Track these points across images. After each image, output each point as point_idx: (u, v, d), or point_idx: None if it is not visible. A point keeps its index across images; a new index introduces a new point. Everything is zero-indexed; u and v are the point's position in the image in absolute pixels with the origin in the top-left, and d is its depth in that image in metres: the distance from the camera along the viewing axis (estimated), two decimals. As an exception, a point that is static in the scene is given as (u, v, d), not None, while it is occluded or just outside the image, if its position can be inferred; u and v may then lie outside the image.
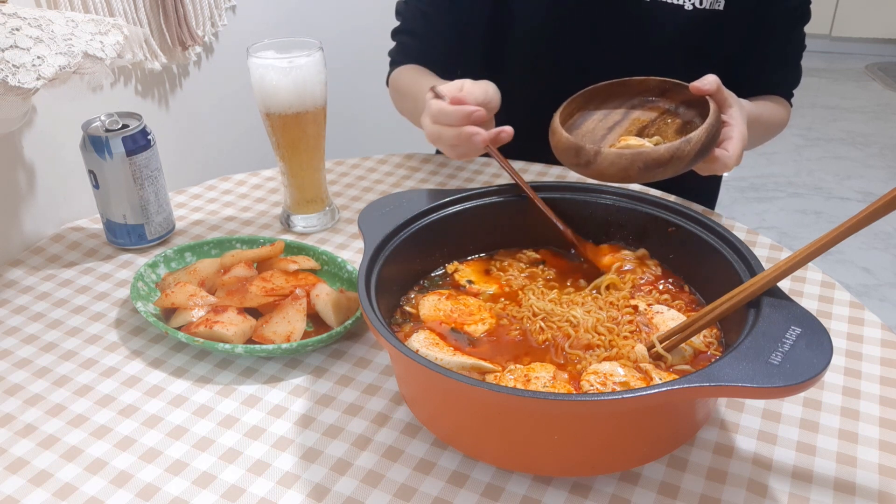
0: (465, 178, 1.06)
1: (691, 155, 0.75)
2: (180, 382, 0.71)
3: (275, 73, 0.85)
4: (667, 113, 0.85)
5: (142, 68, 1.19)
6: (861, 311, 0.79)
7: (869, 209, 0.55)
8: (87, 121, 0.87)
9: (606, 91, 0.88)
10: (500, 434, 0.57)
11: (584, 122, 0.85)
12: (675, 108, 0.85)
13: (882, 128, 3.20)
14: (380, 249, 0.69)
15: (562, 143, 0.79)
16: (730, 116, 0.82)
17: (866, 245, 2.39)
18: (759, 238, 0.91)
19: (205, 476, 0.62)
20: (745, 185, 2.78)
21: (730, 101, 0.83)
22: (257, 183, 1.08)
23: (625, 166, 0.75)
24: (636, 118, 0.85)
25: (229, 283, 0.80)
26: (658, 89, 0.87)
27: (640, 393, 0.51)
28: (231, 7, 1.39)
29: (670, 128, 0.83)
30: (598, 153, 0.76)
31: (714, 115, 0.77)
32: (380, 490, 0.60)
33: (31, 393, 0.70)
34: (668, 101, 0.86)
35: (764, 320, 0.56)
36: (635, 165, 0.75)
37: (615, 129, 0.84)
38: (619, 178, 0.76)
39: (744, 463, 0.62)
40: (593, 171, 0.77)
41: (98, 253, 0.92)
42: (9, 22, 0.76)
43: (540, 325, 0.68)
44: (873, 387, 0.69)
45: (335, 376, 0.72)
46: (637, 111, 0.86)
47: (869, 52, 3.90)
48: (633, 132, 0.83)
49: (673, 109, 0.85)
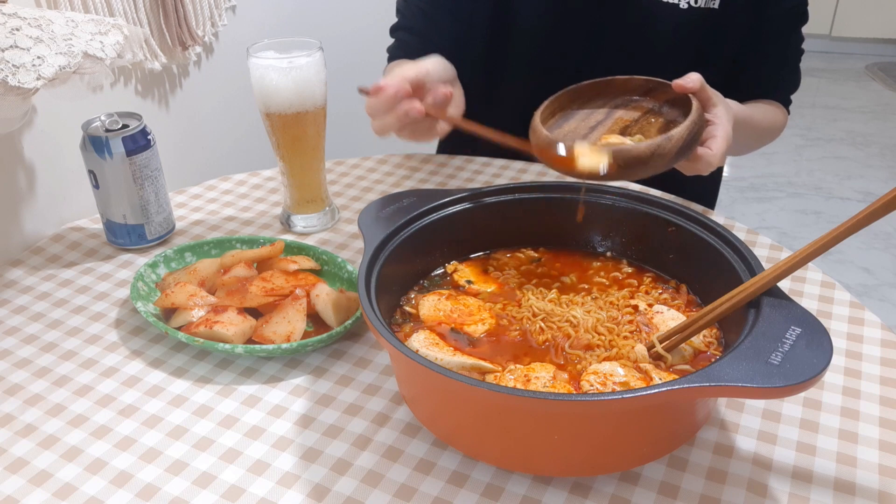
0: (465, 179, 1.06)
1: (672, 152, 0.74)
2: (180, 382, 0.71)
3: (275, 74, 0.85)
4: (650, 112, 0.85)
5: (142, 68, 1.19)
6: (861, 311, 0.79)
7: (869, 209, 0.55)
8: (87, 121, 0.87)
9: (590, 90, 0.87)
10: (500, 434, 0.57)
11: (567, 121, 0.85)
12: (659, 108, 0.85)
13: (882, 128, 3.20)
14: (380, 249, 0.69)
15: (541, 141, 0.78)
16: (714, 115, 0.81)
17: (866, 245, 2.39)
18: (759, 238, 0.91)
19: (205, 476, 0.62)
20: (745, 185, 2.78)
21: (714, 100, 0.82)
22: (257, 183, 1.08)
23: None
24: (619, 117, 0.85)
25: (229, 283, 0.80)
26: (642, 88, 0.86)
27: (640, 393, 0.51)
28: (231, 7, 1.39)
29: (653, 127, 0.82)
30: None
31: (696, 112, 0.77)
32: (380, 490, 0.60)
33: (31, 393, 0.70)
34: (652, 100, 0.86)
35: (764, 320, 0.56)
36: (615, 162, 0.74)
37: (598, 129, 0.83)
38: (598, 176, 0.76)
39: (744, 463, 0.62)
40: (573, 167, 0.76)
41: (98, 253, 0.92)
42: (9, 22, 0.76)
43: (540, 326, 0.68)
44: (873, 387, 0.69)
45: (335, 376, 0.72)
46: (620, 110, 0.86)
47: (869, 52, 3.90)
48: (616, 131, 0.83)
49: (657, 109, 0.85)
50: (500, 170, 1.08)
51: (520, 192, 0.78)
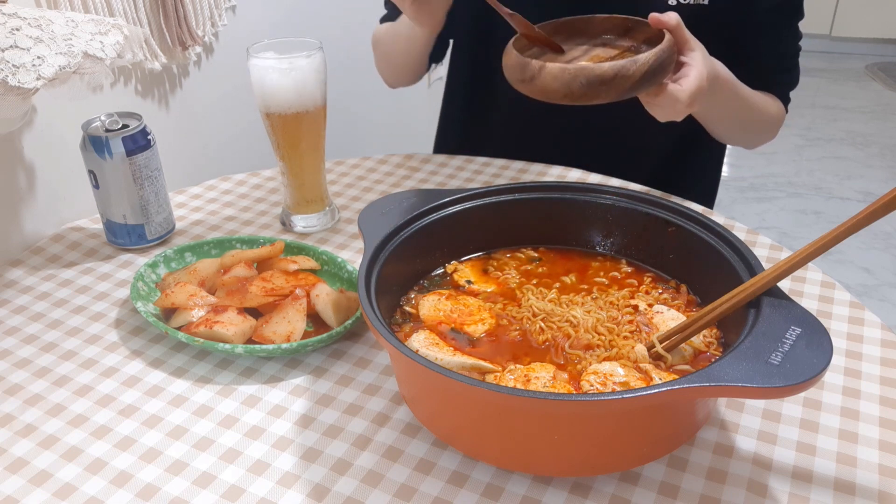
0: (465, 179, 1.06)
1: (636, 76, 0.74)
2: (180, 382, 0.71)
3: (275, 74, 0.85)
4: (629, 51, 0.85)
5: (142, 68, 1.19)
6: (861, 311, 0.79)
7: (869, 209, 0.55)
8: (87, 121, 0.87)
9: (570, 27, 0.87)
10: (500, 434, 0.57)
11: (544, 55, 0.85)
12: (638, 47, 0.85)
13: (882, 128, 3.20)
14: (380, 249, 0.69)
15: (510, 61, 0.79)
16: (690, 58, 0.81)
17: (866, 245, 2.39)
18: (759, 238, 0.91)
19: (205, 476, 0.62)
20: (745, 185, 2.78)
21: (692, 45, 0.82)
22: (257, 183, 1.08)
23: (567, 81, 0.74)
24: (597, 55, 0.85)
25: (229, 283, 0.80)
26: (622, 27, 0.86)
27: (640, 393, 0.51)
28: (231, 7, 1.39)
29: None
30: (543, 67, 0.75)
31: (667, 42, 0.77)
32: (380, 490, 0.60)
33: (31, 393, 0.70)
34: (631, 39, 0.86)
35: (764, 320, 0.56)
36: (577, 80, 0.74)
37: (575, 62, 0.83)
38: (562, 96, 0.75)
39: (744, 463, 0.62)
40: (538, 86, 0.76)
41: (98, 253, 0.92)
42: (9, 22, 0.76)
43: (540, 326, 0.68)
44: (873, 387, 0.69)
45: (335, 376, 0.72)
46: (599, 49, 0.86)
47: (869, 52, 3.90)
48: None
49: (635, 48, 0.85)
50: (500, 170, 1.08)
51: (520, 192, 0.78)
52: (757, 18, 1.01)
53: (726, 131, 1.07)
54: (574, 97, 0.75)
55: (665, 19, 0.79)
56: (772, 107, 1.05)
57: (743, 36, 1.02)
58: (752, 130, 1.08)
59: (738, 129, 1.07)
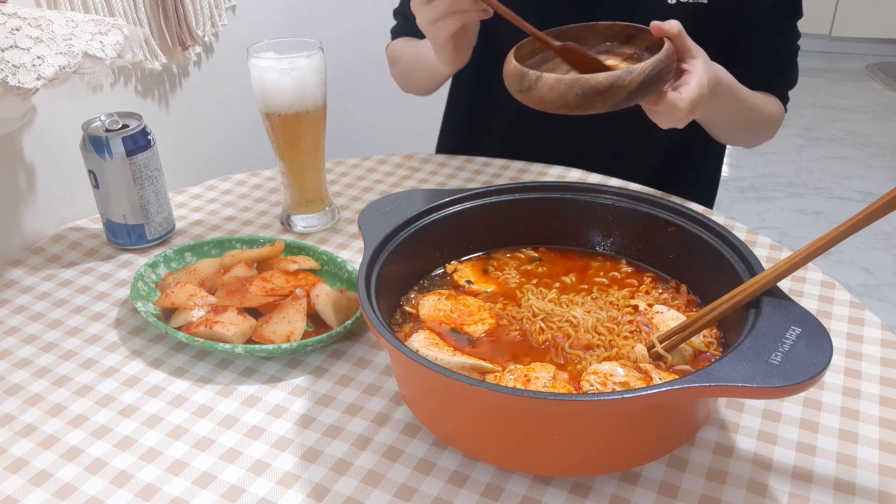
0: (465, 179, 1.06)
1: (632, 86, 0.73)
2: (180, 382, 0.71)
3: (275, 74, 0.85)
4: (631, 59, 0.84)
5: (142, 68, 1.19)
6: (861, 311, 0.79)
7: (869, 209, 0.55)
8: (87, 121, 0.87)
9: (572, 34, 0.86)
10: (500, 434, 0.57)
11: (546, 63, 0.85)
12: (640, 54, 0.84)
13: (882, 128, 3.20)
14: (380, 249, 0.69)
15: (509, 70, 0.79)
16: (692, 66, 0.81)
17: (866, 245, 2.39)
18: (759, 238, 0.91)
19: (205, 476, 0.62)
20: (745, 185, 2.78)
21: (693, 52, 0.81)
22: (257, 183, 1.08)
23: (563, 92, 0.74)
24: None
25: (229, 283, 0.80)
26: (624, 35, 0.86)
27: (640, 393, 0.51)
28: (231, 7, 1.39)
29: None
30: (539, 78, 0.75)
31: (665, 51, 0.76)
32: (380, 490, 0.60)
33: (31, 393, 0.70)
34: (633, 46, 0.86)
35: (764, 320, 0.56)
36: (573, 91, 0.74)
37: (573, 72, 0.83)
38: (558, 106, 0.75)
39: (744, 463, 0.62)
40: (535, 96, 0.76)
41: (98, 253, 0.92)
42: (9, 22, 0.76)
43: (540, 326, 0.68)
44: (873, 387, 0.69)
45: (335, 376, 0.72)
46: (601, 56, 0.86)
47: (869, 52, 3.90)
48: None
49: (637, 55, 0.85)
50: (500, 170, 1.08)
51: (520, 192, 0.78)
52: (756, 18, 1.01)
53: (726, 133, 1.07)
54: (570, 107, 0.75)
55: (666, 27, 0.79)
56: (771, 107, 1.05)
57: (742, 35, 1.02)
58: (751, 131, 1.08)
59: (738, 131, 1.08)
